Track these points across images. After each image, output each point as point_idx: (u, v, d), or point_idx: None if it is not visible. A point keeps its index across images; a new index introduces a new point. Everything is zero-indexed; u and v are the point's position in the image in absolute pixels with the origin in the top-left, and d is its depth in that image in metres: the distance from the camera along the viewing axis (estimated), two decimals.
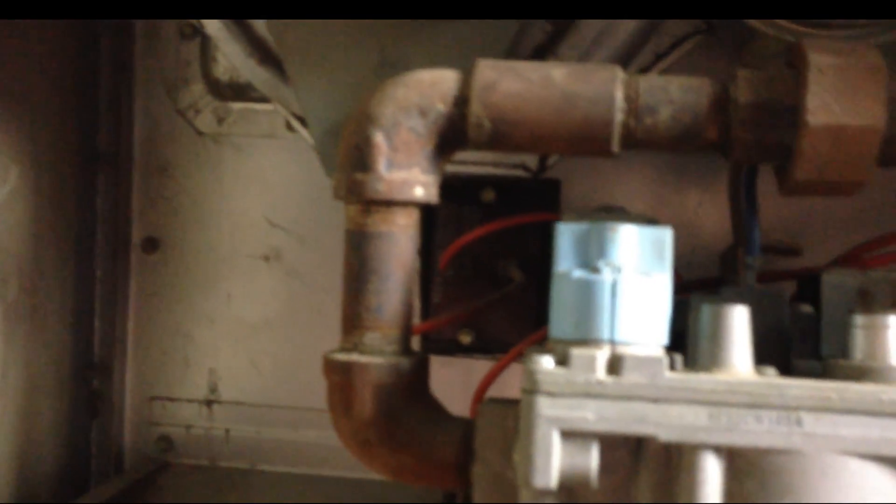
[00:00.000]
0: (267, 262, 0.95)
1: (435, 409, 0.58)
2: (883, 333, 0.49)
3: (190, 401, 0.97)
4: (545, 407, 0.49)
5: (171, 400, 0.97)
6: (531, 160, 0.83)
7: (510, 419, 0.54)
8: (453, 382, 0.73)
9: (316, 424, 0.94)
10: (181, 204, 0.95)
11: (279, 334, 0.95)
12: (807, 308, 0.57)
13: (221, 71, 0.91)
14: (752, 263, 0.60)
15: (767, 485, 0.47)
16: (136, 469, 0.95)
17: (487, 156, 0.80)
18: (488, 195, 0.84)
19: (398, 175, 0.55)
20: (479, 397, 0.67)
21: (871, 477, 0.47)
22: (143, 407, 0.97)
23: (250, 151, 0.94)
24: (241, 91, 0.91)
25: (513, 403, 0.54)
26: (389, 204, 0.55)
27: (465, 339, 0.83)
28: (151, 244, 0.96)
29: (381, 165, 0.55)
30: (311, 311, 0.93)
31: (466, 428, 0.56)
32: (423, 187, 0.56)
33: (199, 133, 0.95)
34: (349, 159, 0.56)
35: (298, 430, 0.95)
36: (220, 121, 0.94)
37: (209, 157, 0.95)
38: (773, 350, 0.56)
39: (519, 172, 0.84)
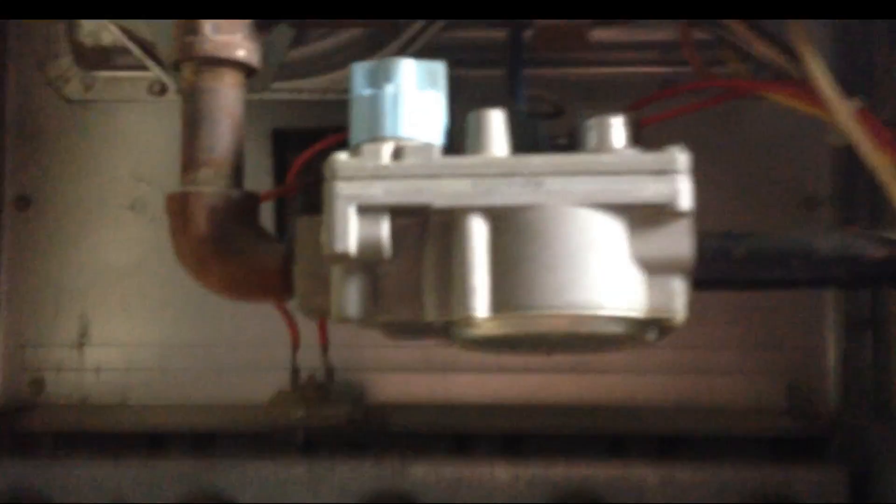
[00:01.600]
0: (133, 211, 1.04)
1: (263, 234, 0.68)
2: (608, 128, 0.63)
3: (61, 345, 1.03)
4: (342, 188, 0.60)
5: (43, 346, 1.03)
6: None
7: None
8: None
9: (182, 357, 1.02)
10: (52, 164, 1.04)
11: (146, 277, 1.03)
12: (562, 141, 0.70)
13: (85, 33, 1.01)
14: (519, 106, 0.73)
15: (521, 235, 0.59)
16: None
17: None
18: None
19: (223, 38, 0.67)
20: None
21: (597, 220, 0.59)
22: (15, 355, 1.03)
23: (116, 115, 1.04)
24: (105, 56, 1.02)
25: None
26: (216, 63, 0.67)
27: None
28: (24, 202, 1.03)
29: (208, 29, 0.67)
30: (174, 254, 1.01)
31: (288, 243, 0.66)
32: (245, 50, 0.68)
33: (69, 101, 1.04)
34: (180, 30, 0.68)
35: (166, 364, 1.02)
36: (88, 88, 1.04)
37: (77, 121, 1.05)
38: None
39: None
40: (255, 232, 0.67)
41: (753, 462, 1.03)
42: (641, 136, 0.66)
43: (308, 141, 0.84)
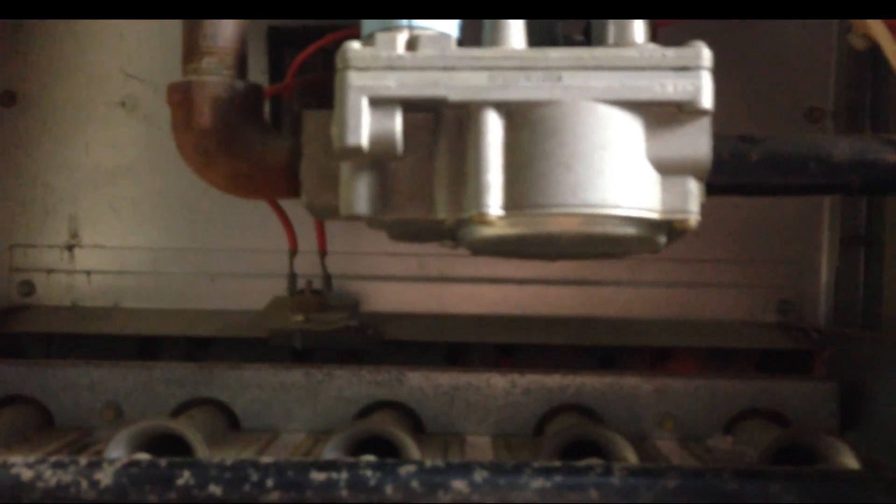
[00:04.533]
0: (124, 110, 1.01)
1: (269, 128, 0.66)
2: (629, 23, 0.61)
3: (51, 247, 1.01)
4: (355, 79, 0.58)
5: (32, 246, 1.01)
6: None
7: (330, 122, 0.63)
8: None
9: (174, 262, 1.01)
10: (37, 58, 1.00)
11: (137, 179, 1.01)
12: (578, 37, 0.68)
13: None
14: None
15: (537, 131, 0.58)
16: None
17: None
18: None
19: None
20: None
21: (615, 117, 0.58)
22: (4, 255, 1.01)
23: None
24: None
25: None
26: None
27: None
28: (9, 97, 1.00)
29: None
30: (168, 155, 0.96)
31: (295, 139, 0.64)
32: None
33: None
34: None
35: (159, 269, 1.01)
36: None
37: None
38: None
39: None
40: (261, 125, 0.65)
41: (744, 374, 1.06)
42: (657, 38, 0.65)
43: (304, 39, 0.82)
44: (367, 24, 0.60)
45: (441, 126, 0.59)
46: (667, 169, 0.60)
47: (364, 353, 1.01)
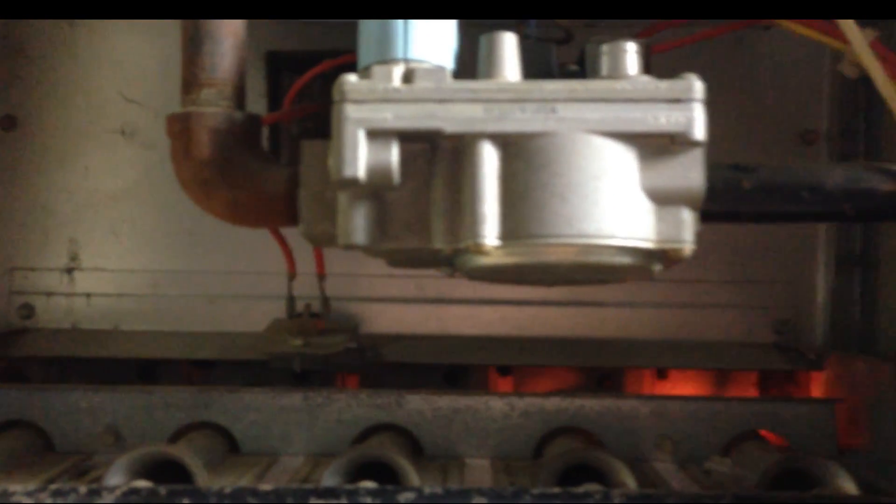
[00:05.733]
0: (123, 136, 1.01)
1: (267, 157, 0.67)
2: (622, 54, 0.62)
3: (51, 269, 1.02)
4: (351, 112, 0.58)
5: (32, 270, 1.02)
6: None
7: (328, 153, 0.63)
8: None
9: (174, 284, 1.02)
10: (38, 83, 1.01)
11: (137, 203, 1.01)
12: (573, 66, 0.69)
13: None
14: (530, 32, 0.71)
15: (532, 163, 0.58)
16: None
17: None
18: None
19: None
20: None
21: (609, 148, 0.58)
22: (3, 278, 1.01)
23: (105, 34, 1.01)
24: None
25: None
26: None
27: None
28: (10, 122, 1.01)
29: None
30: (167, 180, 0.98)
31: (293, 168, 0.65)
32: None
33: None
34: None
35: (159, 292, 1.02)
36: None
37: (64, 38, 1.01)
38: None
39: None
40: (260, 155, 0.65)
41: (743, 396, 1.06)
42: (651, 64, 0.66)
43: (304, 64, 0.82)
44: (364, 57, 0.61)
45: (437, 156, 0.60)
46: (661, 199, 0.60)
47: (364, 375, 1.02)
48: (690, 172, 0.60)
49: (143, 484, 0.67)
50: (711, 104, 0.61)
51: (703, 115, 0.59)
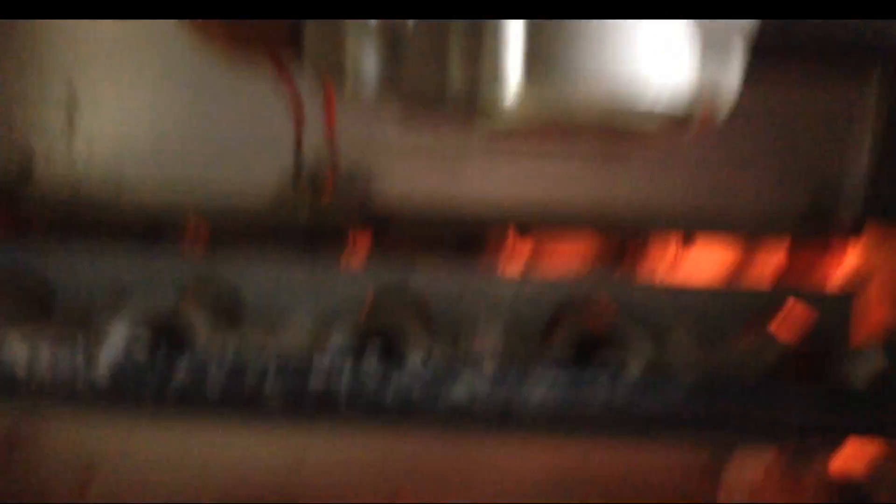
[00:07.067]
0: None
1: None
2: None
3: (50, 123, 0.95)
4: None
5: (30, 124, 0.96)
6: None
7: None
8: None
9: (179, 137, 0.97)
10: None
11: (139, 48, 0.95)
12: None
13: None
14: None
15: None
16: None
17: None
18: None
19: None
20: None
21: None
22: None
23: None
24: None
25: None
26: None
27: None
28: None
29: None
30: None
31: None
32: None
33: None
34: None
35: (161, 139, 0.97)
36: None
37: None
38: None
39: None
40: None
41: (771, 262, 1.02)
42: None
43: None
44: None
45: None
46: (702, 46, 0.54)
47: (374, 241, 0.98)
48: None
49: (144, 342, 0.65)
50: None
51: None
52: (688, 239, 1.02)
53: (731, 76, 0.54)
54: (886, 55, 0.57)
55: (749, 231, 1.00)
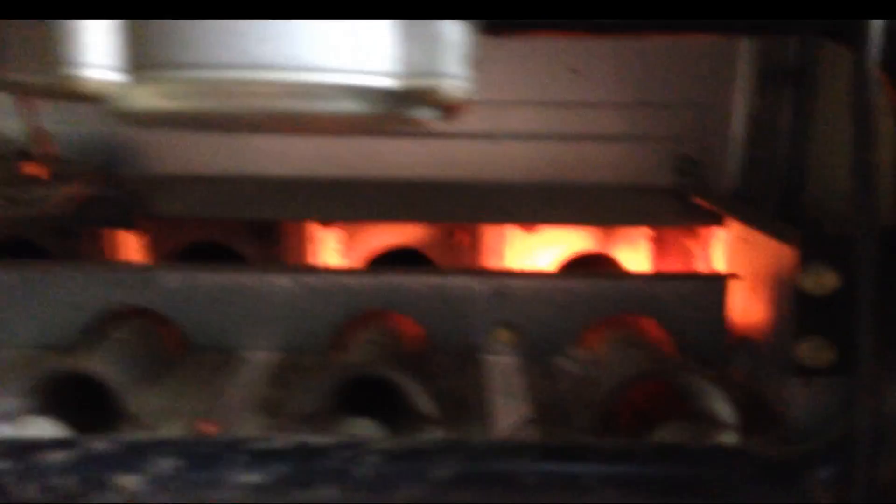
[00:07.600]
0: None
1: None
2: None
3: None
4: None
5: None
6: None
7: None
8: None
9: None
10: None
11: None
12: None
13: None
14: None
15: None
16: None
17: None
18: None
19: None
20: None
21: None
22: None
23: None
24: None
25: None
26: None
27: None
28: None
29: None
30: None
31: None
32: None
33: None
34: None
35: None
36: None
37: None
38: None
39: None
40: None
41: (633, 253, 0.84)
42: None
43: None
44: None
45: None
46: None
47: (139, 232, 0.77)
48: None
49: None
50: None
51: None
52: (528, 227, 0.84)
53: (451, 66, 0.35)
54: None
55: (596, 220, 0.82)
